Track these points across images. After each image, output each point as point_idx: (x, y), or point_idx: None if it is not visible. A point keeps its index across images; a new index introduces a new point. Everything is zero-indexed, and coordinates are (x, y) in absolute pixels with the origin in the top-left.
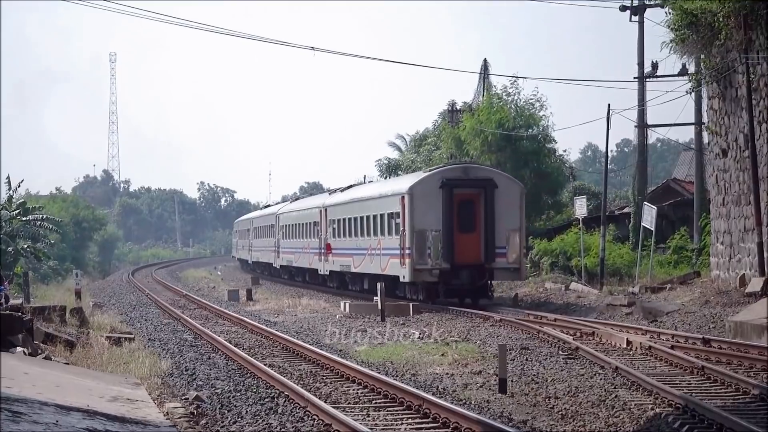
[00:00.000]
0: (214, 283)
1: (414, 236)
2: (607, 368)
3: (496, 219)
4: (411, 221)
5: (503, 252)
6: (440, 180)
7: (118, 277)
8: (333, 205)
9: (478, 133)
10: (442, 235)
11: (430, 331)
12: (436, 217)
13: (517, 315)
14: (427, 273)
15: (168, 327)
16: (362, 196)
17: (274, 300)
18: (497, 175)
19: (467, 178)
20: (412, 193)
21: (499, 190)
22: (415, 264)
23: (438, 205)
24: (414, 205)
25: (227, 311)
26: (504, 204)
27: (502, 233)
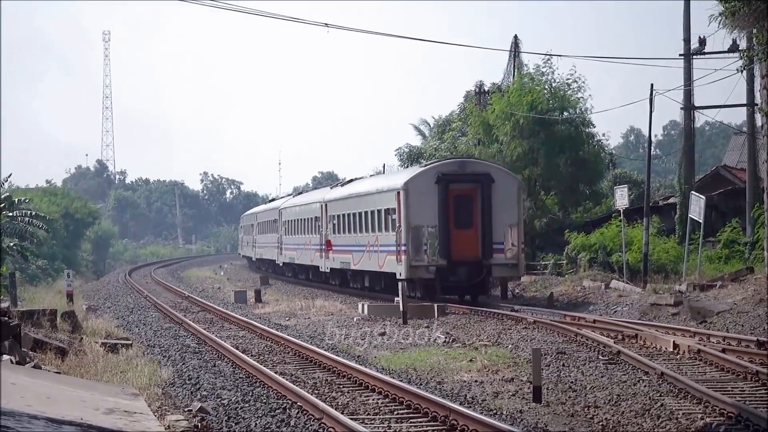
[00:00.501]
0: (219, 284)
1: (410, 232)
2: (651, 374)
3: (493, 214)
4: (407, 217)
5: (501, 248)
6: (436, 175)
7: (114, 278)
8: (333, 200)
9: (508, 117)
10: (438, 231)
11: (456, 335)
12: (432, 212)
13: (553, 316)
14: (423, 270)
15: (169, 332)
16: (360, 191)
17: (285, 302)
18: (494, 169)
19: (464, 173)
20: (408, 189)
21: (497, 184)
22: (411, 261)
23: (434, 201)
24: (409, 200)
25: (234, 314)
26: (501, 199)
27: (500, 229)
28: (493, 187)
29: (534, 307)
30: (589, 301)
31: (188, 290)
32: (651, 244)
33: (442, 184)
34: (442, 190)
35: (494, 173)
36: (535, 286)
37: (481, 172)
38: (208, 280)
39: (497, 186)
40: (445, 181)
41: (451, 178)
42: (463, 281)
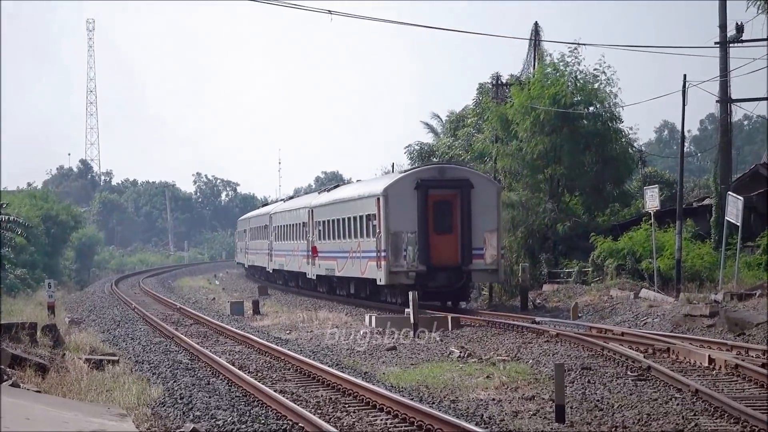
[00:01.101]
0: (213, 294)
1: (389, 238)
2: (685, 391)
3: (472, 220)
4: (386, 223)
5: (480, 253)
6: (415, 181)
7: (99, 288)
8: (319, 206)
9: (529, 111)
10: (418, 236)
11: (472, 349)
12: (411, 218)
13: (577, 329)
14: (403, 275)
15: (159, 347)
16: (344, 197)
17: (285, 313)
18: (473, 175)
19: (443, 179)
20: (387, 195)
21: (476, 190)
22: (390, 266)
23: (413, 207)
24: (389, 206)
25: (229, 327)
26: (481, 204)
27: (479, 234)
28: (473, 192)
29: (557, 319)
30: (617, 312)
31: (180, 301)
32: (684, 250)
33: (421, 190)
34: (421, 196)
35: (474, 179)
36: (557, 296)
37: (460, 178)
38: (202, 291)
39: (477, 192)
40: (425, 186)
41: (430, 183)
42: (442, 287)
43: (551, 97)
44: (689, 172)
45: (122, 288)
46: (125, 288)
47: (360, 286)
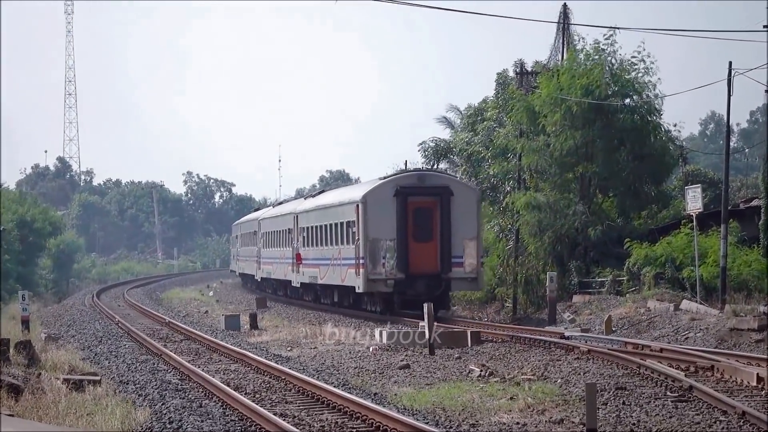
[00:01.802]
0: (206, 307)
1: (368, 245)
2: (731, 414)
3: (452, 227)
4: (365, 230)
5: (460, 261)
6: (394, 188)
7: (79, 300)
8: (303, 211)
9: (558, 103)
10: (397, 244)
11: (494, 367)
12: (390, 225)
13: (611, 344)
14: (381, 283)
15: (146, 366)
16: (326, 203)
17: (286, 328)
18: (453, 182)
19: (422, 186)
20: (366, 201)
21: (455, 197)
22: (368, 274)
23: (392, 214)
24: (368, 213)
25: (224, 344)
26: (460, 212)
27: (459, 242)
28: (452, 200)
29: (588, 334)
30: (655, 326)
31: (169, 315)
32: (730, 257)
33: (400, 197)
34: (400, 203)
35: (453, 186)
36: (589, 308)
37: (440, 185)
38: (194, 303)
39: (456, 199)
40: (404, 194)
41: (409, 190)
42: (421, 295)
43: (583, 88)
44: (736, 170)
45: (105, 300)
46: (108, 300)
47: (343, 295)
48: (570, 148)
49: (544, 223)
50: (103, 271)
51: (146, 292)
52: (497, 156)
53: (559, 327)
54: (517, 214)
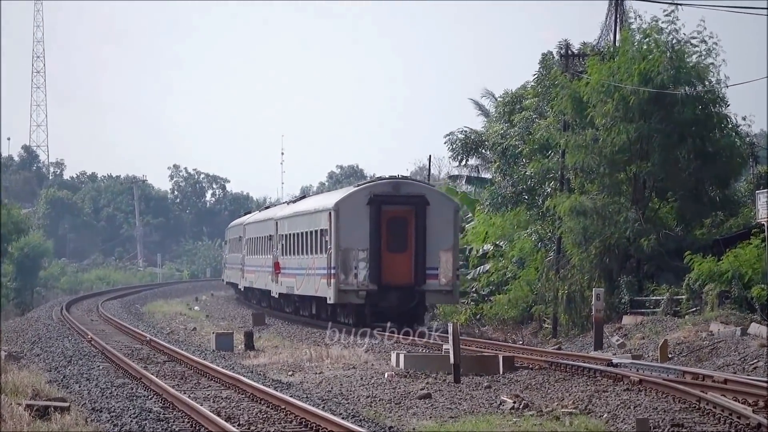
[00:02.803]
0: (194, 323)
1: (339, 255)
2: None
3: (427, 238)
4: (336, 239)
5: (435, 273)
6: (368, 196)
7: (46, 313)
8: (283, 218)
9: (610, 92)
10: (370, 254)
11: (530, 398)
12: (363, 235)
13: (667, 374)
14: (353, 294)
15: (122, 391)
16: (302, 210)
17: (287, 348)
18: (429, 191)
19: (398, 195)
20: (338, 209)
21: (431, 207)
22: (340, 284)
23: (366, 223)
24: (340, 221)
25: (215, 366)
26: (436, 222)
27: (434, 254)
28: (428, 209)
29: (640, 361)
30: (719, 353)
31: (151, 332)
32: None
33: (374, 206)
34: (374, 212)
35: (429, 195)
36: (641, 331)
37: (415, 194)
38: (179, 318)
39: (432, 209)
40: (378, 202)
41: (384, 199)
42: (394, 307)
43: (640, 74)
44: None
45: (76, 313)
46: (79, 314)
47: (321, 306)
48: (622, 144)
49: (590, 231)
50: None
51: (124, 304)
52: (536, 152)
53: (607, 352)
54: (559, 220)
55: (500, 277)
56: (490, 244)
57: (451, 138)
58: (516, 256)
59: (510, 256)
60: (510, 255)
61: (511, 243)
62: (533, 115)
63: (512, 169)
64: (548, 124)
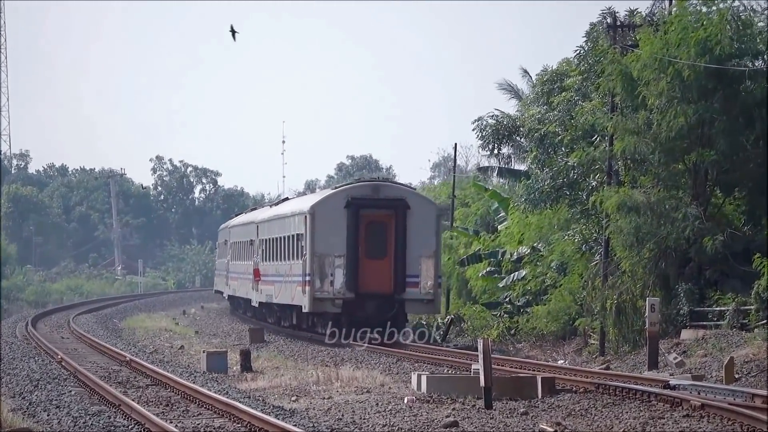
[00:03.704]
0: (182, 340)
1: (315, 261)
2: None
3: (408, 244)
4: (312, 244)
5: (415, 281)
6: (346, 199)
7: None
8: (263, 221)
9: (665, 67)
10: (347, 260)
11: (574, 426)
12: (340, 240)
13: (733, 397)
14: (329, 303)
15: (98, 420)
16: (280, 214)
17: (290, 370)
18: (410, 194)
19: (377, 198)
20: (314, 213)
21: (412, 211)
22: (315, 292)
23: (343, 227)
24: (316, 226)
25: (206, 391)
26: (417, 227)
27: (415, 260)
28: (409, 213)
29: (702, 382)
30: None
31: (131, 351)
32: None
33: (352, 209)
34: (352, 216)
35: (410, 199)
36: (703, 347)
37: (395, 198)
38: (164, 335)
39: (413, 213)
40: (356, 206)
41: (362, 202)
42: (372, 317)
43: (699, 45)
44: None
45: (43, 330)
46: (47, 330)
47: (301, 316)
48: (680, 128)
49: (643, 230)
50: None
51: (100, 319)
52: (580, 139)
53: (663, 372)
54: (607, 218)
55: (538, 286)
56: (525, 247)
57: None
58: (556, 261)
59: (549, 261)
60: (549, 259)
61: (551, 246)
62: (576, 96)
63: (551, 160)
64: (593, 106)
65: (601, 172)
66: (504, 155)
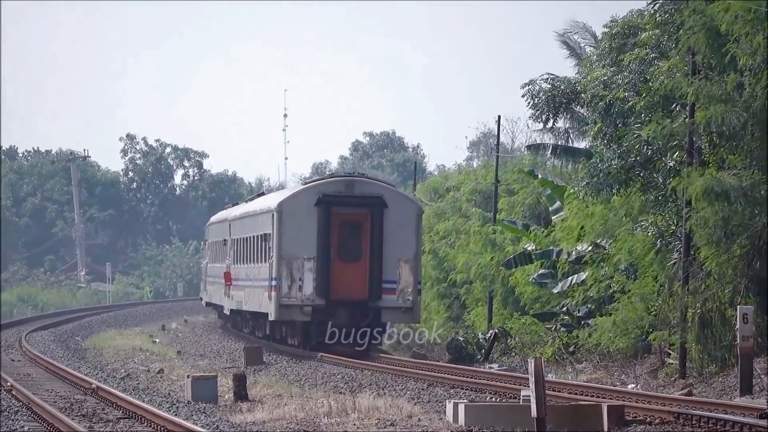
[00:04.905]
0: (161, 362)
1: (282, 264)
2: None
3: (384, 246)
4: (279, 245)
5: (392, 287)
6: (317, 196)
7: None
8: (234, 219)
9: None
10: (317, 263)
11: None
12: (310, 241)
13: None
14: (297, 310)
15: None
16: (250, 211)
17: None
18: (388, 191)
19: (351, 195)
20: (282, 211)
21: (390, 210)
22: (281, 298)
23: (313, 227)
24: (283, 225)
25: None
26: (396, 228)
27: (393, 264)
28: (386, 213)
29: None
30: None
31: (98, 376)
32: None
33: (323, 207)
34: (323, 215)
35: (388, 196)
36: None
37: (372, 195)
38: (139, 356)
39: (391, 212)
40: (328, 203)
41: (335, 200)
42: (344, 326)
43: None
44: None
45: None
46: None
47: (275, 325)
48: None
49: (733, 222)
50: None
51: (59, 337)
52: (655, 108)
53: (758, 399)
54: (688, 206)
55: (602, 292)
56: (587, 244)
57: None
58: (625, 261)
59: (616, 261)
60: (616, 259)
61: (618, 242)
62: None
63: (620, 133)
64: (671, 67)
65: (681, 150)
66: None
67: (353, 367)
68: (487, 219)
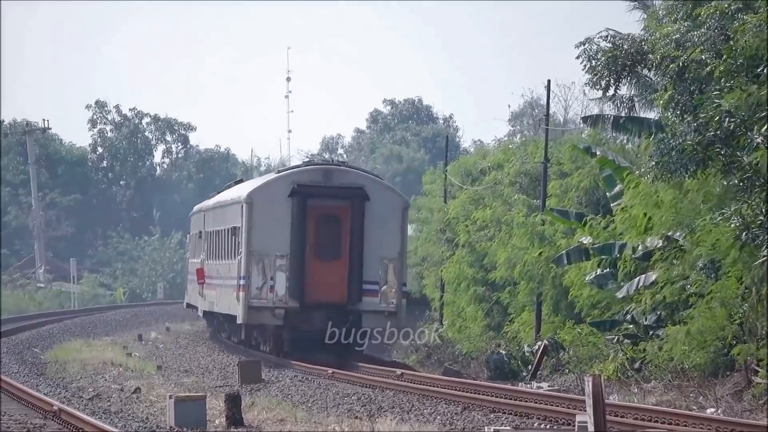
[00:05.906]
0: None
1: (251, 261)
2: None
3: (366, 243)
4: (248, 241)
5: (374, 289)
6: (290, 186)
7: None
8: (209, 209)
9: None
10: (290, 261)
11: None
12: (283, 236)
13: None
14: (267, 313)
15: None
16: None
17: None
18: (371, 182)
19: (329, 186)
20: (252, 203)
21: (372, 203)
22: (250, 299)
23: (286, 221)
24: (253, 218)
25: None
26: (379, 222)
27: (375, 263)
28: (368, 206)
29: None
30: None
31: (61, 396)
32: None
33: (298, 199)
34: (298, 207)
35: (370, 188)
36: None
37: (352, 185)
38: (112, 371)
39: (373, 205)
40: (303, 194)
41: (311, 191)
42: (320, 331)
43: None
44: None
45: None
46: None
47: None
48: None
49: None
50: None
51: (13, 348)
52: (739, 72)
53: None
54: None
55: (675, 295)
56: (656, 238)
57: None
58: (704, 258)
59: (693, 258)
60: (693, 255)
61: (695, 235)
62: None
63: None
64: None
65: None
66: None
67: (371, 386)
68: (534, 207)
